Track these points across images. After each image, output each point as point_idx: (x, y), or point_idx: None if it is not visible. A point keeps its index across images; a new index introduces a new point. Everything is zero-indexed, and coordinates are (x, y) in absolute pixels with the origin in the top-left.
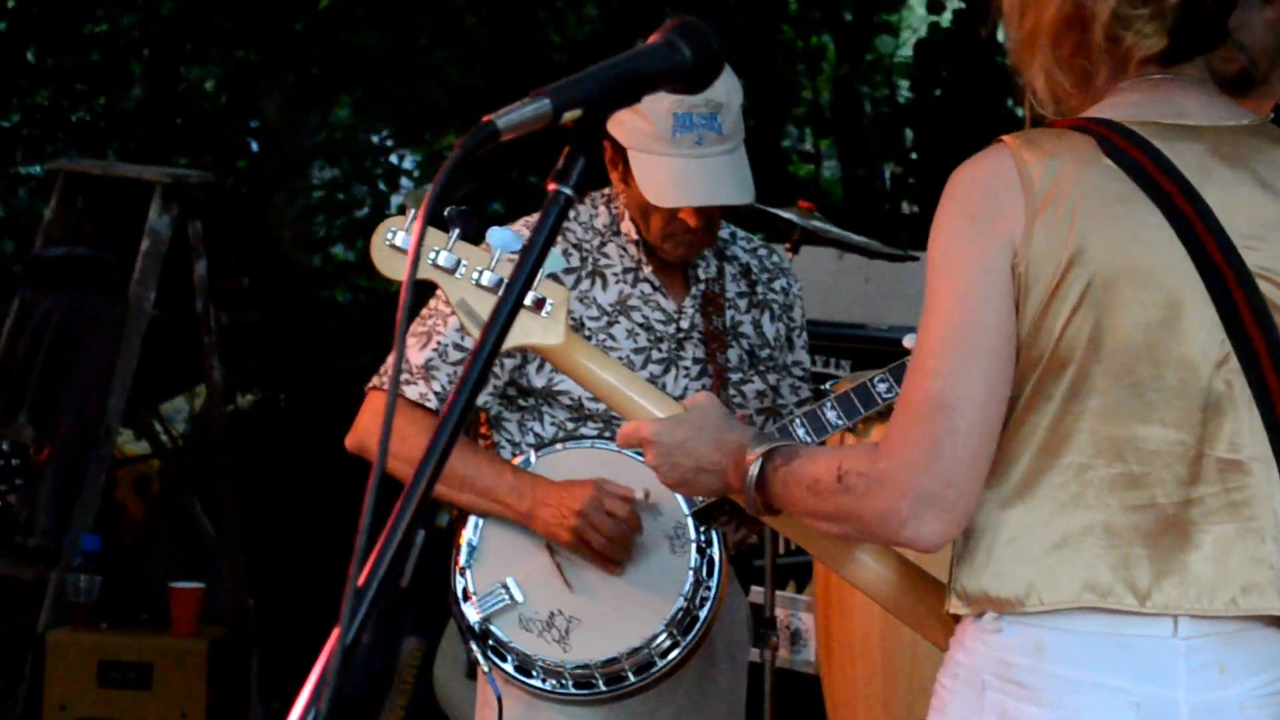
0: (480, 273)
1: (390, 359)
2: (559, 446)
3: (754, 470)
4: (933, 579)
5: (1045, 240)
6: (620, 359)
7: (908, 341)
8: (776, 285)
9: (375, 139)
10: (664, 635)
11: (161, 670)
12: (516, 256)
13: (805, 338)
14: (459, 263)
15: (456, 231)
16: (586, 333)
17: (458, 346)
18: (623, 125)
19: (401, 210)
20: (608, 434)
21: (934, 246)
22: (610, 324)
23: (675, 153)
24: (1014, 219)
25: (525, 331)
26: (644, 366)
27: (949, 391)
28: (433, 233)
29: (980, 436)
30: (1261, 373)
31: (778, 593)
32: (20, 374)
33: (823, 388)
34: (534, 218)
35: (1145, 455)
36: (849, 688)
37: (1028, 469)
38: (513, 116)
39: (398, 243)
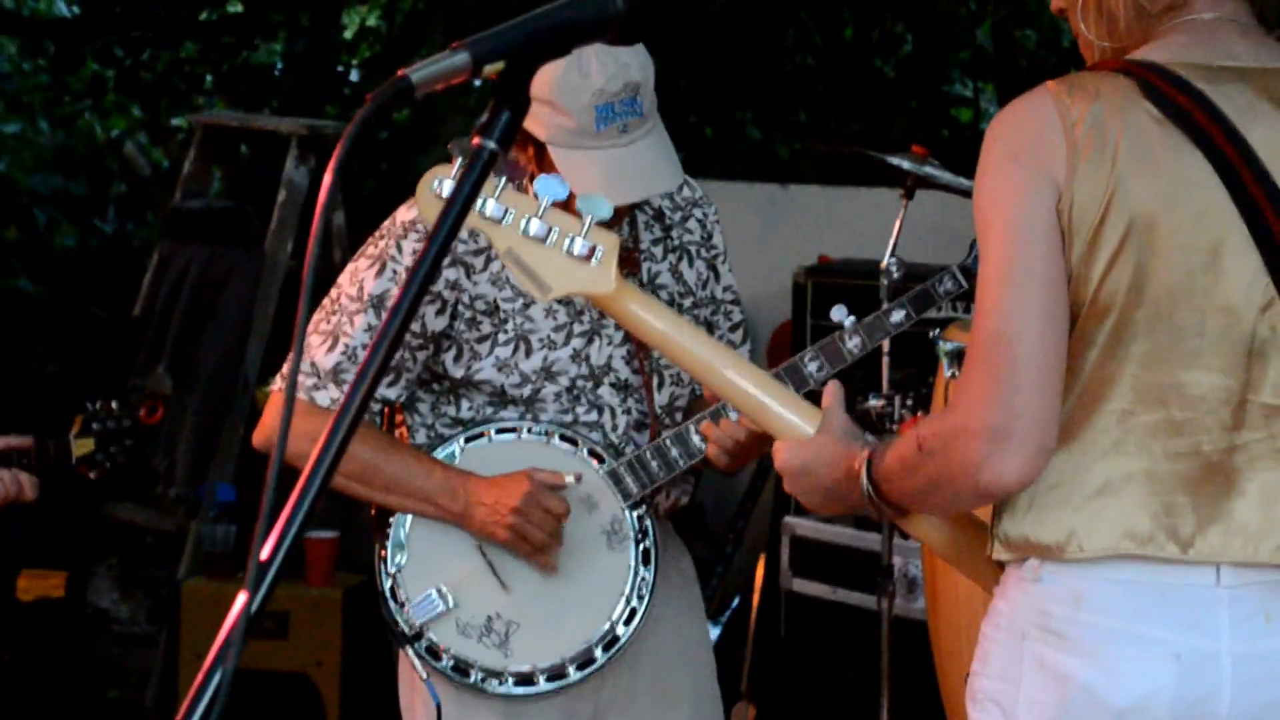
0: (528, 221)
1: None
2: (484, 439)
3: (865, 483)
4: (985, 526)
5: (1087, 185)
6: (541, 340)
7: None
8: (691, 223)
9: None
10: (606, 633)
11: (297, 618)
12: (564, 204)
13: (729, 262)
14: (506, 211)
15: (504, 179)
16: (503, 315)
17: (366, 347)
18: (540, 123)
19: (448, 158)
20: (529, 416)
21: (980, 192)
22: (526, 305)
23: (601, 145)
24: (1056, 159)
25: (575, 280)
26: (568, 342)
27: (1005, 323)
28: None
29: (1043, 363)
30: None
31: (895, 540)
32: (159, 325)
33: (931, 335)
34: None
35: (1188, 401)
36: (954, 635)
37: (1070, 415)
38: (428, 70)
39: (443, 191)
